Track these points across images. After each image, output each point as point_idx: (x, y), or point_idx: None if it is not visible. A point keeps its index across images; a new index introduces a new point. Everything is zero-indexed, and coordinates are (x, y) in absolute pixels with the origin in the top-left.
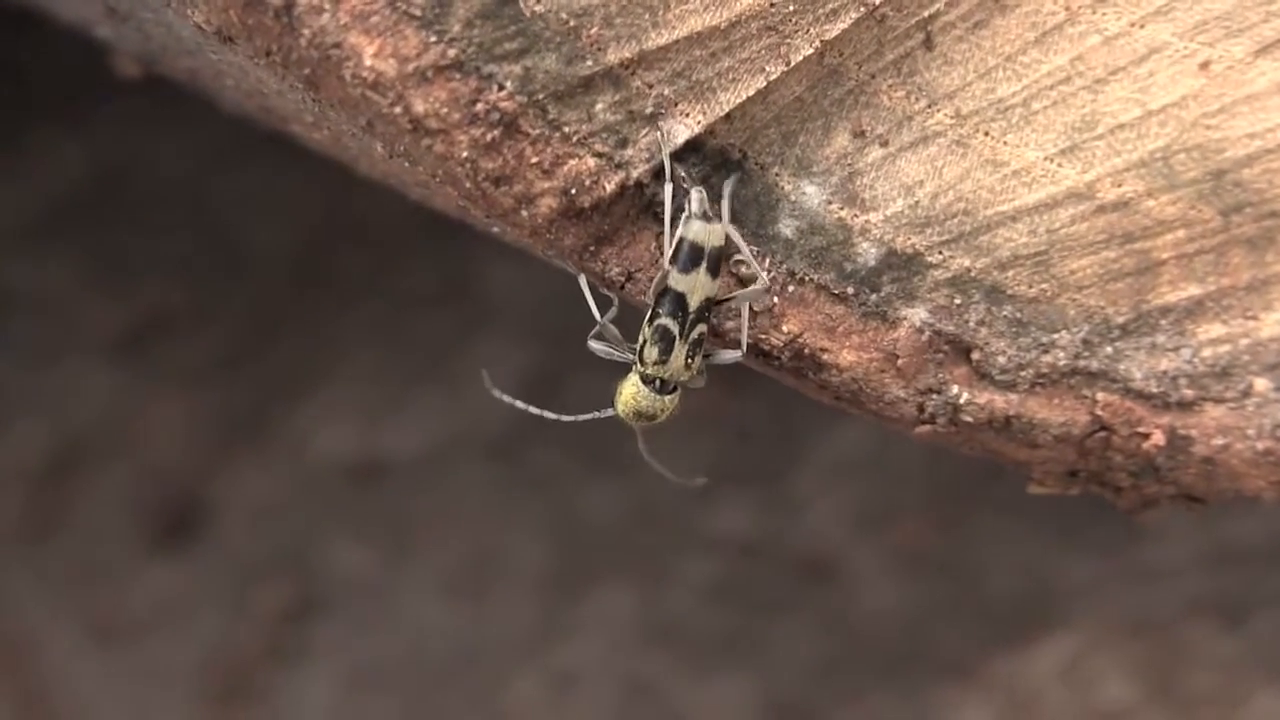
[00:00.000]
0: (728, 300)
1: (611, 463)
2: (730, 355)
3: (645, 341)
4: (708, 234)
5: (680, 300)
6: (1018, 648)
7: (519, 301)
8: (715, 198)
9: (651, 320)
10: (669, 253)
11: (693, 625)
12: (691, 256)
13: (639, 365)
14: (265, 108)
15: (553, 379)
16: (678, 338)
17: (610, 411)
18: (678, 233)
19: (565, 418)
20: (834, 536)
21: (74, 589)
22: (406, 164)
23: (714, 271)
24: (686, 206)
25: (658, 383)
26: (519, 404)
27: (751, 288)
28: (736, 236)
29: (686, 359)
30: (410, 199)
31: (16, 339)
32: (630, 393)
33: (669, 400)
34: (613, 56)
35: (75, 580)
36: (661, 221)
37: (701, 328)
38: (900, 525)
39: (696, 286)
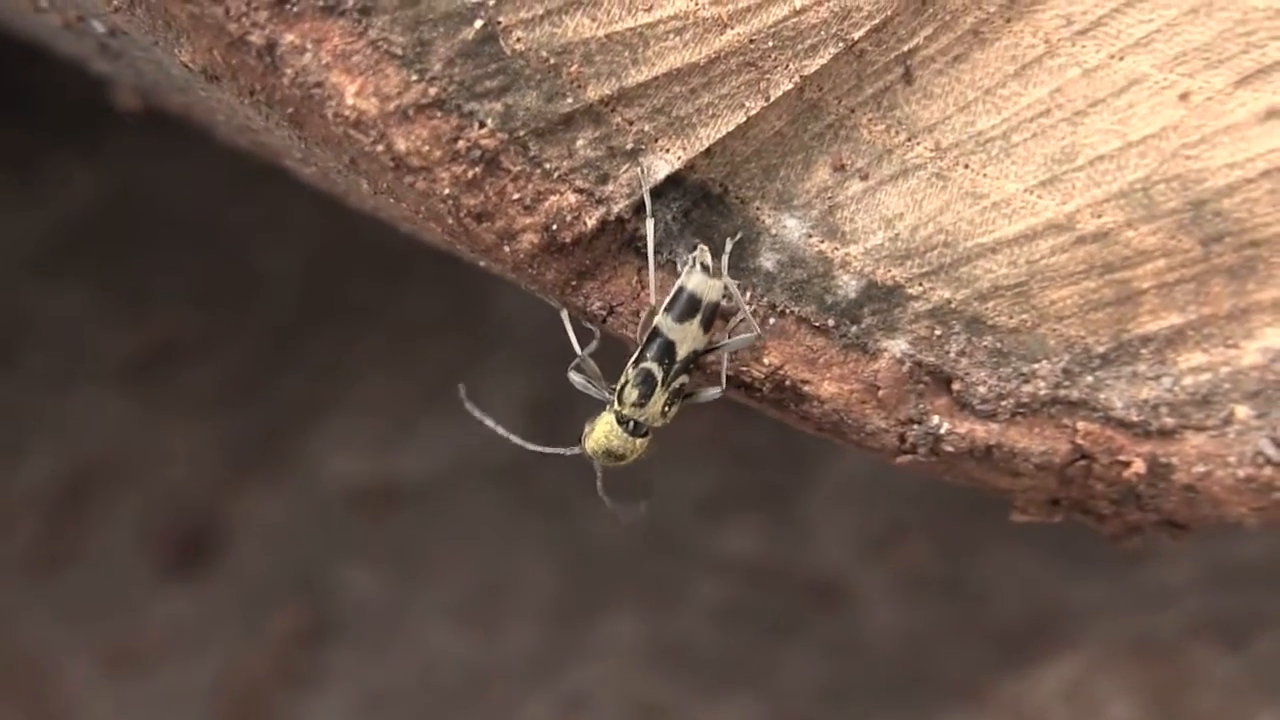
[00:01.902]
0: (716, 349)
1: (620, 487)
2: (710, 393)
3: (627, 382)
4: (707, 287)
5: (669, 348)
6: (1023, 669)
7: (527, 326)
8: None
9: (637, 363)
10: (656, 296)
11: (701, 649)
12: (688, 306)
13: (616, 404)
14: (256, 143)
15: (561, 404)
16: (659, 384)
17: (575, 450)
18: (678, 281)
19: (530, 446)
20: (840, 560)
21: (88, 615)
22: (391, 200)
23: (707, 325)
24: (692, 260)
25: (632, 424)
26: (488, 422)
27: (741, 336)
28: (736, 292)
29: (664, 407)
30: (400, 232)
31: (29, 366)
32: (604, 431)
33: (640, 443)
34: (593, 93)
35: (90, 607)
36: (642, 256)
37: (684, 379)
38: (905, 548)
39: (687, 337)
